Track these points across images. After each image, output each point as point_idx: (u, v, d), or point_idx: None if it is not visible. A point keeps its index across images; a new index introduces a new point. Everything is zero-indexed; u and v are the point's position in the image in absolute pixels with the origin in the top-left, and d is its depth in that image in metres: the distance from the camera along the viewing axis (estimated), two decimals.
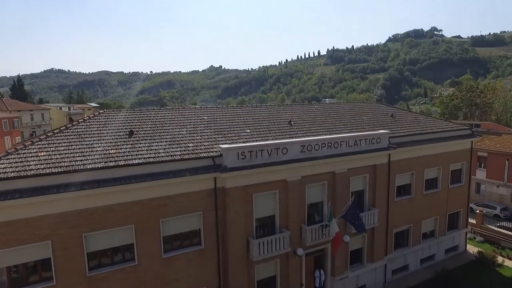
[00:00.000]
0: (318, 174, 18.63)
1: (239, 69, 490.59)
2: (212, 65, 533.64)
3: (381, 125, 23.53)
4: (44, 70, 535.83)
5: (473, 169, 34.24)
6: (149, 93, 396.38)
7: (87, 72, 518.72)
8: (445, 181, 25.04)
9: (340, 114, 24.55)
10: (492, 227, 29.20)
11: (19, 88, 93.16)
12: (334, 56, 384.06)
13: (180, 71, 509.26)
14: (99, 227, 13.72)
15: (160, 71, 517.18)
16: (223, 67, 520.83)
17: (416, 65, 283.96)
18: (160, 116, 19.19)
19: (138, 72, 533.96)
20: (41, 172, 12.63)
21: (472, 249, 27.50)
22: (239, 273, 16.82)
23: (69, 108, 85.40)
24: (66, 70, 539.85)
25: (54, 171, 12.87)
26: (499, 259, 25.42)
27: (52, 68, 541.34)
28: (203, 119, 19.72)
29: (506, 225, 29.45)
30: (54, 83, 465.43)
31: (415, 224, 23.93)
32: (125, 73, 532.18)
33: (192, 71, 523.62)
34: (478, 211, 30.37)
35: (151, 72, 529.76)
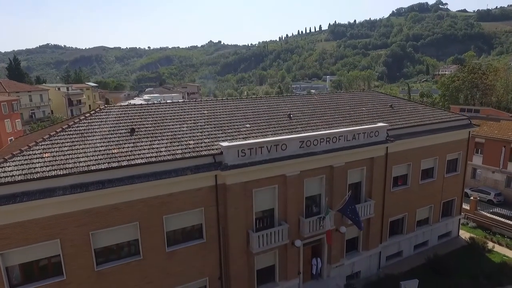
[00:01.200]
0: (316, 168, 19.04)
1: (238, 44, 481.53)
2: (211, 40, 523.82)
3: (380, 116, 23.69)
4: (39, 46, 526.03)
5: (470, 155, 34.74)
6: (147, 69, 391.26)
7: (83, 48, 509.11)
8: (441, 170, 25.52)
9: (340, 105, 24.63)
10: (485, 213, 30.03)
11: (15, 68, 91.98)
12: (336, 31, 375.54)
13: (178, 47, 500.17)
14: (105, 225, 14.28)
15: (158, 47, 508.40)
16: (222, 43, 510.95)
17: (419, 41, 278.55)
18: (161, 111, 19.33)
19: (136, 47, 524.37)
20: (47, 175, 13.01)
21: (464, 234, 28.44)
22: (239, 263, 17.62)
23: (67, 89, 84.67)
24: (62, 45, 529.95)
25: (59, 173, 13.24)
26: (490, 244, 26.36)
27: (48, 44, 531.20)
28: (203, 113, 19.88)
29: (499, 211, 30.28)
30: (50, 59, 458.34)
31: (410, 213, 24.64)
32: (123, 48, 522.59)
33: (190, 46, 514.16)
34: (472, 198, 31.10)
35: (149, 47, 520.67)
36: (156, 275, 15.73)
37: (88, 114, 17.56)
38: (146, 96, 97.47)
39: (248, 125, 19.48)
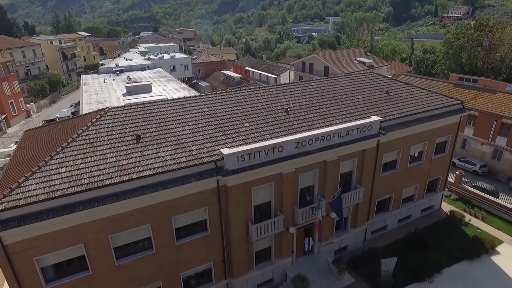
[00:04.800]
0: (311, 164, 20.46)
1: None
2: None
3: (375, 105, 24.37)
4: None
5: (462, 126, 35.88)
6: (140, 7, 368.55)
7: None
8: (429, 153, 26.95)
9: (336, 93, 25.09)
10: (467, 187, 32.23)
11: (2, 18, 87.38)
12: None
13: None
14: (121, 229, 16.21)
15: None
16: None
17: None
18: (163, 111, 20.10)
19: None
20: (67, 193, 14.46)
21: (445, 207, 30.94)
22: (240, 249, 20.04)
23: (60, 42, 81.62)
24: None
25: (77, 189, 14.68)
26: (467, 217, 28.91)
27: None
28: (204, 111, 20.65)
29: (480, 185, 32.45)
30: None
31: (397, 193, 26.69)
32: None
33: None
34: (457, 172, 33.03)
35: None
36: (167, 265, 18.18)
37: (95, 120, 18.39)
38: (141, 48, 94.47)
39: (247, 124, 20.39)
